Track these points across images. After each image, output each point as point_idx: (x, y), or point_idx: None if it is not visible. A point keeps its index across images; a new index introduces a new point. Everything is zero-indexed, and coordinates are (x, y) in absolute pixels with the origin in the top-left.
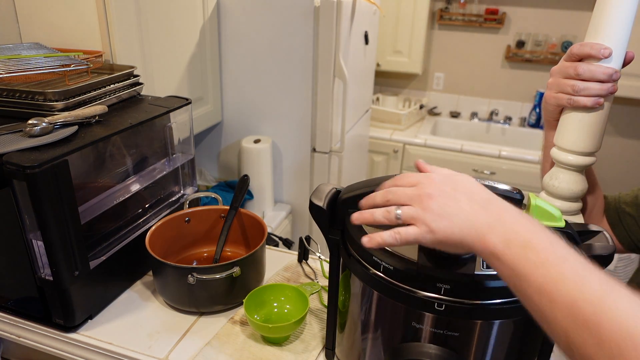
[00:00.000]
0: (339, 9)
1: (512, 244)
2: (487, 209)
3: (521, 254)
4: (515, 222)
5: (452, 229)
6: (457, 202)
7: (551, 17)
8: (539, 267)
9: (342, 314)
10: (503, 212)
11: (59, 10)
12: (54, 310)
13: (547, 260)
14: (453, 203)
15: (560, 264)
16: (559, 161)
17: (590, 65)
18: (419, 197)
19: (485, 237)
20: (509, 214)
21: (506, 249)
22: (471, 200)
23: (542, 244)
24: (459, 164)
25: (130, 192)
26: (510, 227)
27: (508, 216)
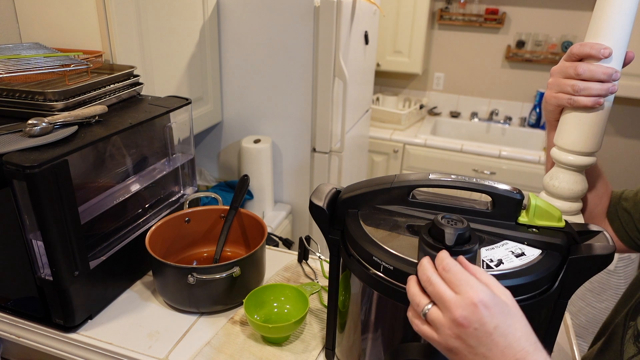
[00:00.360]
0: (339, 9)
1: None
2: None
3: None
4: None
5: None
6: (486, 347)
7: (551, 17)
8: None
9: (342, 314)
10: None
11: (59, 10)
12: (54, 310)
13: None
14: (482, 347)
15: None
16: (559, 161)
17: (590, 65)
18: (454, 319)
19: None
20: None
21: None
22: (503, 350)
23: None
24: (459, 164)
25: (130, 192)
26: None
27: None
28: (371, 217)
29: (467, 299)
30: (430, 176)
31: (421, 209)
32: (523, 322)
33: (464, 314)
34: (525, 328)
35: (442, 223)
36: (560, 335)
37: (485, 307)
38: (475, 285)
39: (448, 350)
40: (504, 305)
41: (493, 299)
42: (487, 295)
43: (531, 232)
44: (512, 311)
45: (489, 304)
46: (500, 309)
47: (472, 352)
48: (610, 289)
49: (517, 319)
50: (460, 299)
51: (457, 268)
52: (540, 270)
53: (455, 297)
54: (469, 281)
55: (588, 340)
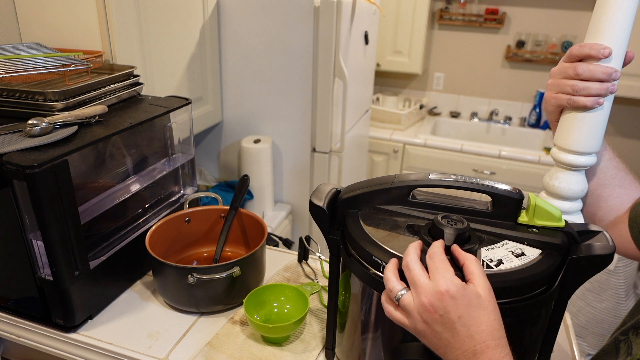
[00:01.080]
0: (339, 9)
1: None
2: (470, 358)
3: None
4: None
5: (431, 345)
6: (449, 333)
7: (551, 17)
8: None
9: (342, 314)
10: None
11: (59, 10)
12: (54, 310)
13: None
14: (445, 333)
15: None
16: (559, 161)
17: (590, 65)
18: (423, 304)
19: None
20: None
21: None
22: (464, 339)
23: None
24: (459, 164)
25: (130, 192)
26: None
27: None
28: (371, 217)
29: (436, 287)
30: (430, 176)
31: (421, 209)
32: (492, 317)
33: (431, 300)
34: (493, 323)
35: (442, 223)
36: (560, 335)
37: (451, 297)
38: (448, 276)
39: (417, 333)
40: (474, 297)
41: (462, 290)
42: (456, 286)
43: (531, 232)
44: (482, 304)
45: (456, 295)
46: (467, 300)
47: (437, 336)
48: (610, 289)
49: (485, 313)
50: (431, 286)
51: (440, 257)
52: (540, 270)
53: (427, 283)
54: (445, 272)
55: (588, 340)
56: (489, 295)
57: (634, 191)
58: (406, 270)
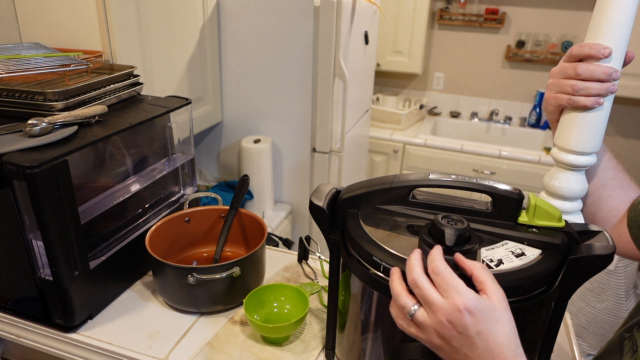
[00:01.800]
0: (339, 9)
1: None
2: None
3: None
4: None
5: (445, 357)
6: (468, 349)
7: (551, 17)
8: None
9: (342, 314)
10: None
11: (59, 10)
12: (54, 310)
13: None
14: (464, 348)
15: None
16: (559, 161)
17: (590, 65)
18: (439, 322)
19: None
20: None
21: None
22: (482, 353)
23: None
24: (459, 164)
25: (130, 192)
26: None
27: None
28: (371, 217)
29: (452, 305)
30: (430, 176)
31: (421, 209)
32: (508, 328)
33: (449, 318)
34: (509, 334)
35: (442, 223)
36: (560, 335)
37: (469, 314)
38: (462, 291)
39: (433, 347)
40: (490, 310)
41: (478, 305)
42: (472, 301)
43: (531, 232)
44: (498, 316)
45: (474, 311)
46: (485, 315)
47: (454, 351)
48: (610, 289)
49: (502, 324)
50: (447, 304)
51: (446, 272)
52: (540, 270)
53: (441, 302)
54: (457, 286)
55: (588, 340)
56: (503, 305)
57: (631, 192)
58: (414, 287)
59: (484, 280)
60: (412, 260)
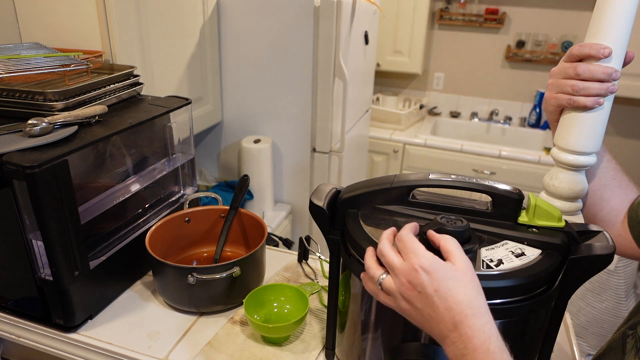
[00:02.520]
0: (339, 9)
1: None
2: (452, 331)
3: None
4: (473, 351)
5: (418, 323)
6: (430, 308)
7: (551, 17)
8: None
9: (342, 314)
10: (466, 340)
11: (59, 10)
12: (54, 310)
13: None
14: (426, 308)
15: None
16: (559, 161)
17: (590, 65)
18: (402, 284)
19: (441, 343)
20: (470, 344)
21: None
22: (443, 312)
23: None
24: (459, 164)
25: (130, 192)
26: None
27: (469, 345)
28: (371, 217)
29: (409, 265)
30: (430, 176)
31: (421, 209)
32: (469, 288)
33: (408, 278)
34: (469, 292)
35: (442, 223)
36: (560, 335)
37: (425, 272)
38: (419, 252)
39: (402, 313)
40: (449, 270)
41: (434, 264)
42: (428, 261)
43: (531, 232)
44: (457, 276)
45: (429, 269)
46: (442, 274)
47: (419, 313)
48: (610, 289)
49: (462, 283)
50: (405, 265)
51: (407, 237)
52: (540, 270)
53: (401, 264)
54: (415, 249)
55: (588, 340)
56: (465, 268)
57: (631, 192)
58: (381, 256)
59: (449, 250)
60: (382, 236)
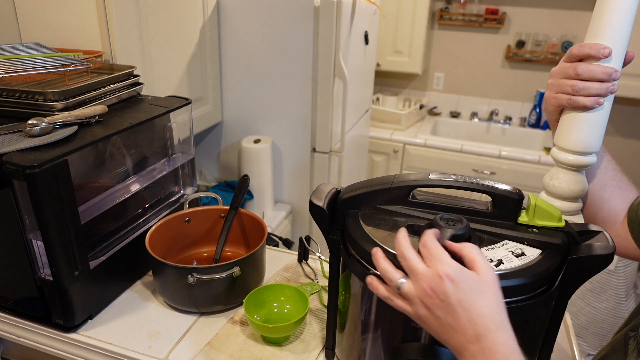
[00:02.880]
0: (339, 9)
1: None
2: (474, 343)
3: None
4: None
5: (434, 331)
6: (451, 318)
7: (551, 17)
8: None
9: (342, 314)
10: (488, 354)
11: (59, 10)
12: (54, 310)
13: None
14: (447, 317)
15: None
16: (559, 161)
17: (590, 65)
18: (423, 290)
19: (457, 354)
20: (492, 358)
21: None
22: (465, 324)
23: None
24: (459, 164)
25: (130, 192)
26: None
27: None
28: (371, 217)
29: (434, 272)
30: (430, 176)
31: (421, 209)
32: (493, 301)
33: (431, 285)
34: (494, 307)
35: (442, 223)
36: (560, 335)
37: (450, 281)
38: (445, 260)
39: (419, 320)
40: (474, 280)
41: (461, 274)
42: (454, 270)
43: (531, 232)
44: (481, 289)
45: (455, 279)
46: (467, 284)
47: (438, 322)
48: (610, 289)
49: (486, 297)
50: (429, 272)
51: (433, 244)
52: (540, 270)
53: (425, 270)
54: (440, 256)
55: (588, 340)
56: (491, 280)
57: (630, 192)
58: (402, 259)
59: (473, 259)
60: (399, 237)
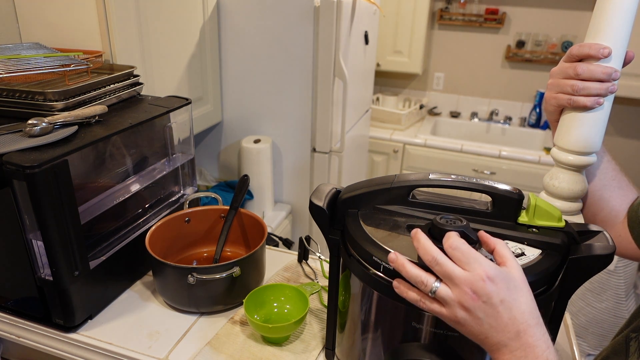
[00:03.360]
0: (339, 9)
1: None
2: (514, 339)
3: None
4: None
5: (472, 332)
6: (492, 318)
7: (551, 17)
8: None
9: (342, 314)
10: (527, 349)
11: (59, 10)
12: (54, 310)
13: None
14: (488, 318)
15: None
16: (559, 161)
17: (590, 65)
18: (465, 293)
19: (493, 351)
20: (532, 352)
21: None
22: (507, 322)
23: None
24: (459, 164)
25: (130, 192)
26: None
27: (531, 354)
28: (371, 217)
29: (475, 275)
30: (430, 176)
31: (421, 209)
32: (529, 297)
33: (474, 288)
34: (530, 303)
35: (442, 223)
36: (560, 335)
37: (492, 282)
38: (482, 262)
39: (456, 322)
40: (511, 279)
41: (500, 273)
42: (494, 270)
43: (531, 232)
44: (518, 285)
45: (495, 279)
46: (506, 283)
47: (478, 323)
48: (610, 289)
49: (523, 293)
50: (470, 275)
51: (464, 246)
52: (540, 270)
53: (464, 274)
54: (477, 258)
55: (588, 340)
56: (522, 277)
57: (630, 192)
58: (435, 265)
59: (505, 255)
60: (423, 241)
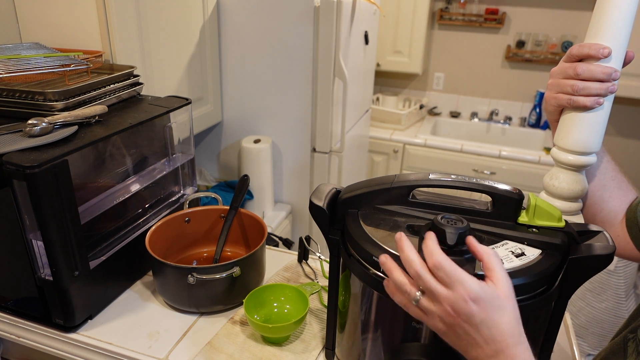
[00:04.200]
0: (339, 9)
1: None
2: (493, 357)
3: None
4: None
5: (451, 342)
6: (471, 336)
7: (551, 17)
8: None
9: (342, 314)
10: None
11: (59, 10)
12: (54, 310)
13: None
14: (467, 336)
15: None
16: (559, 161)
17: (590, 64)
18: (445, 311)
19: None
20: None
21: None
22: (486, 340)
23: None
24: (459, 164)
25: (130, 192)
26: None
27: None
28: (371, 217)
29: (458, 295)
30: (430, 176)
31: (421, 209)
32: (512, 315)
33: (454, 307)
34: (512, 321)
35: (442, 223)
36: (560, 335)
37: (474, 302)
38: (466, 282)
39: (437, 331)
40: (494, 298)
41: (482, 293)
42: (476, 290)
43: (531, 232)
44: (501, 305)
45: (478, 299)
46: (489, 303)
47: (458, 337)
48: (610, 289)
49: (506, 312)
50: (452, 295)
51: (447, 265)
52: (540, 270)
53: (446, 293)
54: (462, 279)
55: (588, 340)
56: (508, 293)
57: (629, 193)
58: (418, 279)
59: (492, 268)
60: (407, 253)
